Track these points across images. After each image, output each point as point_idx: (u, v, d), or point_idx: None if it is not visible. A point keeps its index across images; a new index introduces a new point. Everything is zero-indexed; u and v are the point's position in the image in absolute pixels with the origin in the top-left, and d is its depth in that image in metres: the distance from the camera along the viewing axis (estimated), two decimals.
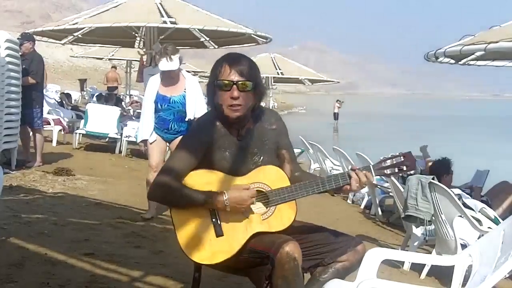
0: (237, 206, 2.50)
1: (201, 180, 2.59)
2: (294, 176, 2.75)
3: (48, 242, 4.31)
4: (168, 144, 5.75)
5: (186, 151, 2.64)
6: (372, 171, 2.62)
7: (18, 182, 6.85)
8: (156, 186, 2.63)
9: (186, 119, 5.53)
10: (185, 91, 5.54)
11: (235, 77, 2.57)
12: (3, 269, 3.58)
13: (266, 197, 2.59)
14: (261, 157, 2.69)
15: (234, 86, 2.57)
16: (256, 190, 2.59)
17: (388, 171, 2.64)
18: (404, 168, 2.63)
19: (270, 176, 2.63)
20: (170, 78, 5.54)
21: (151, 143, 5.60)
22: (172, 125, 5.56)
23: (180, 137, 5.29)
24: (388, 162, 2.64)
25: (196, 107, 5.54)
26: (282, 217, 2.59)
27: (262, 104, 2.82)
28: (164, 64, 5.43)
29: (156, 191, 2.65)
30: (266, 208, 2.58)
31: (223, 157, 2.64)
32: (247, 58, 2.69)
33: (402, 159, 2.63)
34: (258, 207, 2.58)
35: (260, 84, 2.67)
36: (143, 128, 5.66)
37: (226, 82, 2.58)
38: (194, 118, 5.41)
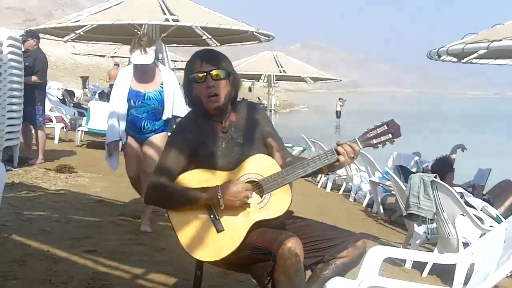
0: (232, 199, 2.51)
1: (193, 180, 2.60)
2: (286, 163, 2.75)
3: (50, 239, 4.32)
4: (140, 146, 5.08)
5: (174, 153, 2.66)
6: (358, 143, 2.63)
7: (20, 179, 6.86)
8: (150, 190, 2.66)
9: (164, 118, 4.99)
10: (161, 86, 4.94)
11: (207, 68, 2.65)
12: (5, 266, 3.59)
13: (259, 186, 2.59)
14: (249, 147, 2.70)
15: (208, 76, 2.64)
16: (249, 181, 2.60)
17: (374, 141, 2.65)
18: (390, 136, 2.65)
19: (261, 165, 2.64)
20: (144, 72, 4.93)
21: (125, 146, 5.06)
22: (145, 124, 4.95)
23: (154, 135, 4.98)
24: (373, 133, 2.65)
25: (175, 103, 4.99)
26: (278, 202, 2.60)
27: (264, 101, 2.83)
28: (138, 57, 4.79)
29: (152, 195, 2.67)
30: (261, 197, 2.59)
31: (211, 153, 2.65)
32: (217, 51, 2.78)
33: (386, 128, 2.64)
34: (253, 197, 2.59)
35: (234, 73, 2.73)
36: (114, 128, 5.00)
37: (200, 74, 2.65)
38: (173, 116, 5.00)
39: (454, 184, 5.97)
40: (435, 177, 5.03)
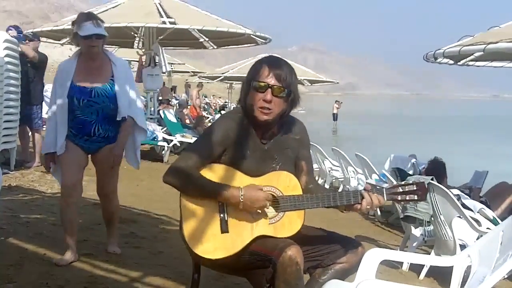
0: (250, 204, 2.50)
1: (216, 174, 2.59)
2: (308, 188, 2.75)
3: (47, 243, 4.30)
4: (90, 157, 4.09)
5: (210, 143, 2.63)
6: (385, 195, 2.63)
7: (17, 182, 6.85)
8: (174, 170, 2.61)
9: (119, 118, 3.95)
10: (112, 79, 3.92)
11: (272, 80, 2.57)
12: (2, 270, 3.58)
13: (276, 202, 2.59)
14: (279, 164, 2.69)
15: (269, 89, 2.57)
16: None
17: (399, 197, 2.65)
18: (415, 197, 2.64)
19: (284, 182, 2.63)
20: (90, 60, 3.92)
21: (62, 155, 3.91)
22: (96, 129, 3.90)
23: (107, 146, 3.98)
24: (401, 189, 2.65)
25: (130, 102, 4.00)
26: (289, 224, 2.59)
27: None
28: (91, 28, 3.81)
29: (173, 175, 2.60)
30: (275, 212, 2.59)
31: (242, 156, 2.63)
32: (288, 64, 2.69)
33: (415, 188, 2.64)
34: (267, 210, 2.59)
35: (295, 92, 2.66)
36: (50, 136, 3.96)
37: (262, 84, 2.58)
38: (128, 117, 3.99)
39: (451, 186, 5.98)
40: (432, 179, 5.04)
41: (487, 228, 5.04)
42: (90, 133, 3.90)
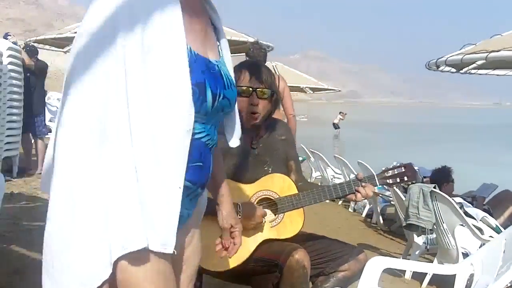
0: (248, 221, 2.50)
1: None
2: (298, 186, 2.76)
3: None
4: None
5: None
6: (376, 180, 2.67)
7: (19, 189, 6.85)
8: None
9: (234, 145, 1.94)
10: (220, 52, 1.77)
11: (255, 84, 2.60)
12: (4, 277, 3.58)
13: (274, 205, 2.60)
14: (271, 167, 2.72)
15: (254, 93, 2.60)
16: (265, 198, 2.61)
17: (390, 181, 2.70)
18: (405, 178, 2.69)
19: (279, 184, 2.65)
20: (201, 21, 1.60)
21: None
22: (211, 166, 1.69)
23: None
24: (390, 173, 2.70)
25: None
26: (290, 224, 2.60)
27: None
28: None
29: None
30: (275, 215, 2.60)
31: (234, 164, 2.65)
32: (265, 66, 2.74)
33: (403, 170, 2.69)
34: (267, 215, 2.59)
35: (277, 91, 2.70)
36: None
37: (245, 88, 2.60)
38: None
39: (454, 195, 5.97)
40: (434, 187, 5.03)
41: (490, 236, 5.03)
42: (206, 179, 1.69)
